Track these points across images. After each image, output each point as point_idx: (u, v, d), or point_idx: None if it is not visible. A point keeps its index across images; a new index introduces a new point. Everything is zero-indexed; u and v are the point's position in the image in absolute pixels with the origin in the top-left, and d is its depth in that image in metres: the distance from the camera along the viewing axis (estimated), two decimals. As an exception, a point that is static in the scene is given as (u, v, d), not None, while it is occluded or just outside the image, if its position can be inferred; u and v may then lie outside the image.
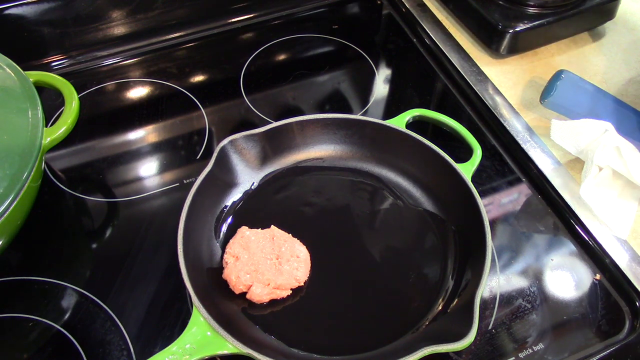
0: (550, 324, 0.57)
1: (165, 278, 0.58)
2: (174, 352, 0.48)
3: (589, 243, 0.62)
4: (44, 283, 0.58)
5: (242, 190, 0.64)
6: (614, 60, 0.81)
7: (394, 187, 0.65)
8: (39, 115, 0.57)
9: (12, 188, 0.51)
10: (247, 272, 0.55)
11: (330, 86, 0.79)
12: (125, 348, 0.53)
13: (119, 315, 0.55)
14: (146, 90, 0.78)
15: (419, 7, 0.88)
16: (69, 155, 0.69)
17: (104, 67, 0.80)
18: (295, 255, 0.57)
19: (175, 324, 0.55)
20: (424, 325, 0.55)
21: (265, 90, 0.78)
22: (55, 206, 0.65)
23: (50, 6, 0.75)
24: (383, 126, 0.65)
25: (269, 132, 0.63)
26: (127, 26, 0.81)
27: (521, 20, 0.76)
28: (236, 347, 0.49)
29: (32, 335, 0.55)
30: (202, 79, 0.80)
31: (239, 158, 0.63)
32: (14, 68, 0.60)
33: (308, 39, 0.86)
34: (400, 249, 0.62)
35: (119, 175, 0.68)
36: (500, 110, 0.73)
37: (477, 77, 0.78)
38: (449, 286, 0.57)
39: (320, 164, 0.67)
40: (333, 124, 0.66)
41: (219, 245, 0.60)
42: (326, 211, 0.64)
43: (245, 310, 0.56)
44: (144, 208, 0.65)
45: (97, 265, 0.60)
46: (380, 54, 0.84)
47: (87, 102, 0.75)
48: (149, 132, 0.73)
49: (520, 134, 0.71)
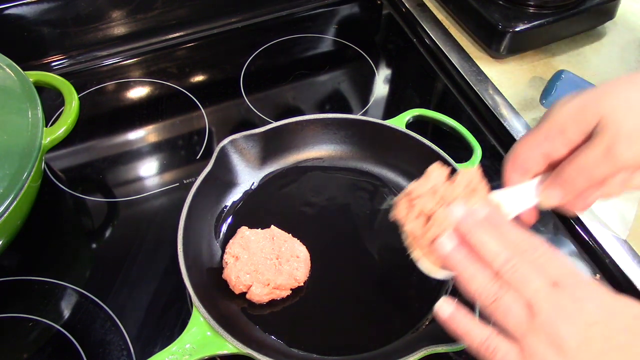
0: (550, 324, 0.57)
1: (165, 278, 0.58)
2: (174, 352, 0.48)
3: (589, 243, 0.62)
4: (44, 283, 0.58)
5: (242, 190, 0.64)
6: (614, 60, 0.81)
7: (394, 187, 0.65)
8: (39, 115, 0.57)
9: (12, 188, 0.51)
10: (247, 272, 0.55)
11: (330, 86, 0.79)
12: (125, 348, 0.53)
13: (119, 315, 0.55)
14: (146, 90, 0.78)
15: (419, 7, 0.88)
16: (69, 155, 0.69)
17: (104, 67, 0.80)
18: (295, 255, 0.57)
19: (175, 324, 0.55)
20: (424, 325, 0.55)
21: (265, 90, 0.78)
22: (55, 206, 0.65)
23: (50, 6, 0.75)
24: (383, 126, 0.65)
25: (269, 132, 0.63)
26: (127, 26, 0.81)
27: (521, 20, 0.76)
28: (236, 347, 0.49)
29: (32, 335, 0.55)
30: (202, 79, 0.80)
31: (239, 158, 0.63)
32: (14, 68, 0.60)
33: (308, 39, 0.86)
34: (400, 249, 0.61)
35: (119, 175, 0.68)
36: (500, 110, 0.73)
37: (477, 77, 0.78)
38: (449, 286, 0.57)
39: (320, 164, 0.67)
40: (333, 124, 0.66)
41: (219, 245, 0.60)
42: (326, 211, 0.64)
43: (245, 310, 0.56)
44: (144, 208, 0.65)
45: (97, 265, 0.60)
46: (380, 54, 0.84)
47: (87, 102, 0.75)
48: (149, 132, 0.73)
49: (520, 134, 0.71)
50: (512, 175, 0.45)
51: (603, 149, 0.39)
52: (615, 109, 0.39)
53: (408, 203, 0.46)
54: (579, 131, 0.41)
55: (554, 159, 0.43)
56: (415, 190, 0.45)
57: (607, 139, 0.39)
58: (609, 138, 0.39)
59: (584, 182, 0.40)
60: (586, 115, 0.40)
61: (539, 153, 0.43)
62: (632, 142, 0.38)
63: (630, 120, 0.38)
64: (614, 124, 0.39)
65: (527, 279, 0.38)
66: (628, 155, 0.38)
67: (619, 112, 0.39)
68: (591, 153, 0.40)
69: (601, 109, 0.39)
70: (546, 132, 0.42)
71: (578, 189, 0.41)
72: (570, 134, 0.41)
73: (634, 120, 0.38)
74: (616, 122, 0.39)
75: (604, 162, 0.39)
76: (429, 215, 0.44)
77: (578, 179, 0.40)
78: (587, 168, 0.40)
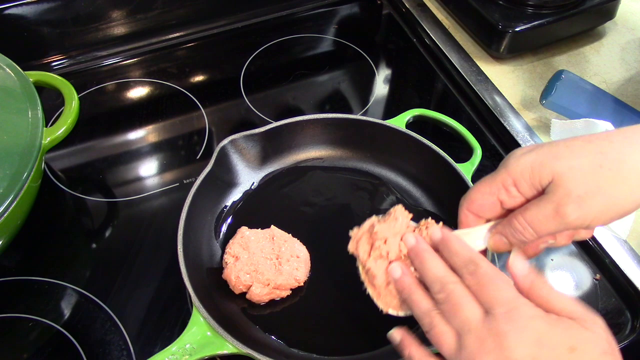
0: (550, 324, 0.57)
1: (165, 278, 0.58)
2: (174, 352, 0.48)
3: (589, 243, 0.62)
4: (44, 283, 0.58)
5: (242, 190, 0.64)
6: (614, 60, 0.81)
7: (394, 187, 0.65)
8: (39, 115, 0.57)
9: (12, 188, 0.51)
10: (246, 272, 0.55)
11: (330, 86, 0.79)
12: (125, 348, 0.53)
13: (119, 315, 0.55)
14: (146, 90, 0.78)
15: (419, 7, 0.88)
16: (69, 155, 0.69)
17: (104, 67, 0.80)
18: (295, 255, 0.57)
19: (175, 324, 0.55)
20: (424, 325, 0.55)
21: (265, 90, 0.78)
22: (55, 206, 0.65)
23: (50, 6, 0.75)
24: (383, 126, 0.65)
25: (269, 132, 0.63)
26: (127, 26, 0.81)
27: (521, 20, 0.76)
28: (236, 347, 0.49)
29: (32, 335, 0.55)
30: (202, 79, 0.80)
31: (239, 158, 0.63)
32: (14, 68, 0.60)
33: (308, 39, 0.86)
34: (400, 249, 0.61)
35: (119, 175, 0.68)
36: (500, 110, 0.73)
37: (477, 77, 0.78)
38: (449, 286, 0.57)
39: (320, 164, 0.67)
40: (333, 124, 0.66)
41: (219, 245, 0.60)
42: (326, 211, 0.64)
43: (245, 310, 0.56)
44: (144, 208, 0.65)
45: (97, 265, 0.60)
46: (380, 54, 0.84)
47: (87, 102, 0.75)
48: (149, 132, 0.73)
49: (520, 134, 0.71)
50: (467, 218, 0.46)
51: (553, 208, 0.40)
52: (569, 170, 0.40)
53: (369, 239, 0.47)
54: (532, 186, 0.42)
55: (508, 207, 0.44)
56: (380, 232, 0.46)
57: (558, 198, 0.40)
58: (559, 198, 0.40)
59: (530, 235, 0.42)
60: (541, 172, 0.41)
61: (494, 200, 0.44)
62: (580, 204, 0.40)
63: (581, 184, 0.40)
64: (566, 185, 0.40)
65: (459, 308, 0.39)
66: (575, 216, 0.40)
67: (571, 174, 0.40)
68: (540, 210, 0.41)
69: (556, 167, 0.41)
70: (502, 181, 0.43)
71: (524, 241, 0.43)
72: (523, 188, 0.42)
73: (584, 184, 0.40)
74: (568, 183, 0.40)
75: (552, 220, 0.40)
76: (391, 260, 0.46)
77: (525, 232, 0.42)
78: (534, 223, 0.41)
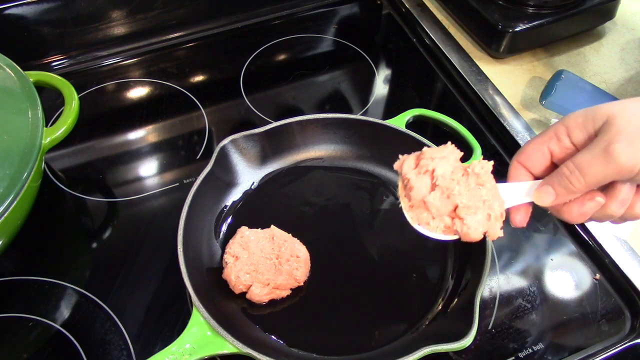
0: (550, 323, 0.57)
1: (165, 278, 0.58)
2: (174, 352, 0.48)
3: (588, 243, 0.62)
4: (44, 283, 0.58)
5: (242, 190, 0.64)
6: (614, 60, 0.81)
7: (394, 187, 0.65)
8: (39, 115, 0.57)
9: (12, 188, 0.51)
10: (246, 272, 0.55)
11: (330, 86, 0.79)
12: (125, 348, 0.53)
13: (119, 315, 0.55)
14: (146, 90, 0.78)
15: (419, 7, 0.88)
16: (69, 155, 0.69)
17: (104, 67, 0.80)
18: (295, 255, 0.57)
19: (175, 324, 0.55)
20: (424, 325, 0.55)
21: (265, 90, 0.78)
22: (55, 206, 0.65)
23: (50, 6, 0.75)
24: (383, 126, 0.65)
25: (269, 132, 0.63)
26: (127, 26, 0.81)
27: (521, 20, 0.76)
28: (236, 346, 0.49)
29: (32, 335, 0.55)
30: (202, 79, 0.80)
31: (239, 158, 0.63)
32: (14, 68, 0.60)
33: (308, 39, 0.86)
34: (400, 248, 0.61)
35: (119, 175, 0.68)
36: (500, 110, 0.73)
37: (477, 77, 0.78)
38: (449, 286, 0.57)
39: (320, 164, 0.67)
40: (333, 124, 0.66)
41: (219, 245, 0.60)
42: (326, 211, 0.64)
43: (245, 310, 0.56)
44: (144, 208, 0.65)
45: (97, 265, 0.60)
46: (380, 54, 0.84)
47: (87, 102, 0.75)
48: (149, 132, 0.73)
49: (520, 134, 0.71)
50: (516, 170, 0.45)
51: (602, 147, 0.38)
52: (623, 110, 0.39)
53: (416, 160, 0.46)
54: (586, 130, 0.40)
55: (558, 158, 0.43)
56: (428, 152, 0.45)
57: (609, 137, 0.38)
58: (610, 137, 0.38)
59: (578, 182, 0.40)
60: (595, 114, 0.40)
61: (544, 150, 0.43)
62: (631, 143, 0.38)
63: (634, 122, 0.38)
64: (618, 123, 0.38)
65: None
66: (625, 156, 0.38)
67: (625, 113, 0.39)
68: (590, 151, 0.39)
69: (611, 108, 0.39)
70: (555, 130, 0.42)
71: (571, 190, 0.40)
72: (576, 135, 0.41)
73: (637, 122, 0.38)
74: (621, 121, 0.38)
75: (601, 160, 0.38)
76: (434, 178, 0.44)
77: (572, 178, 0.40)
78: (582, 165, 0.39)
